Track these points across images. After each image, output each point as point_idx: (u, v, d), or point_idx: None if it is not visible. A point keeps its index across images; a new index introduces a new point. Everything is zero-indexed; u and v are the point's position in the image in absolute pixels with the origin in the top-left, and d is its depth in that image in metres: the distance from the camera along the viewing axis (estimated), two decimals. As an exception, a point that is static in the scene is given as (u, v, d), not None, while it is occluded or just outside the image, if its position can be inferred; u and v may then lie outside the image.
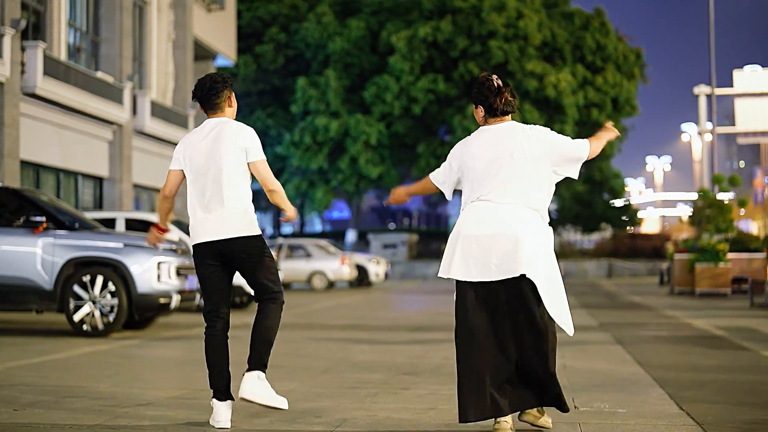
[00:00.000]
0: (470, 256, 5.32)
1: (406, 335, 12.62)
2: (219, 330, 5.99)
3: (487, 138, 5.45)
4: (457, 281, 5.41)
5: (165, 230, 6.32)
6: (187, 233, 17.55)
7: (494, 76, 5.46)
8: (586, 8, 51.70)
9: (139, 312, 12.17)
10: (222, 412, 5.84)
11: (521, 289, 5.28)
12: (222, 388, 5.88)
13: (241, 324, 14.53)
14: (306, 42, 49.04)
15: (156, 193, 30.35)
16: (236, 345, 10.82)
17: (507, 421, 5.29)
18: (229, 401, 5.89)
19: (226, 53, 36.70)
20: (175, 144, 29.98)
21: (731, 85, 37.70)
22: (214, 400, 5.90)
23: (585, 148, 5.47)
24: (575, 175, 5.48)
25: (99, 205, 26.14)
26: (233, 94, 6.00)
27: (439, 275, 5.52)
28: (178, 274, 12.45)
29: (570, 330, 5.37)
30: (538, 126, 5.50)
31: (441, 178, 5.68)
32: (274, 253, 19.01)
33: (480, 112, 5.48)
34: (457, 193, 5.72)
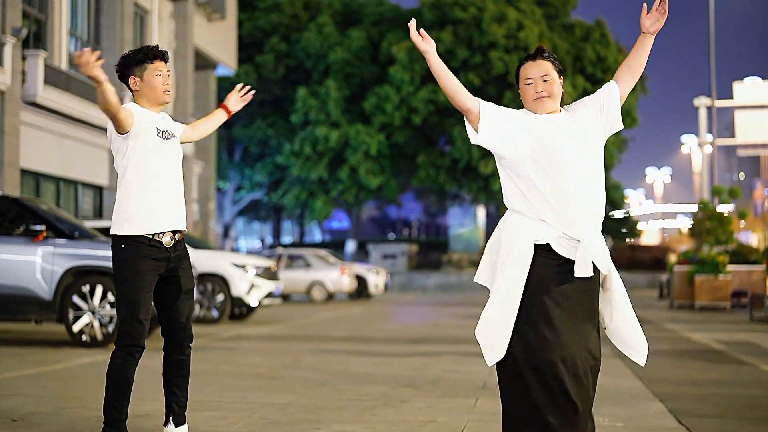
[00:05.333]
0: None
1: (406, 347, 12.60)
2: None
3: None
4: None
5: None
6: (188, 243, 17.54)
7: None
8: (587, 19, 51.77)
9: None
10: None
11: None
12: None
13: (237, 335, 14.52)
14: (306, 52, 49.09)
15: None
16: (237, 356, 10.82)
17: None
18: None
19: (227, 63, 36.74)
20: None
21: (731, 97, 37.70)
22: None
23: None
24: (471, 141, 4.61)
25: (99, 214, 26.13)
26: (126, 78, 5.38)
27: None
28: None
29: None
30: None
31: None
32: (273, 263, 18.98)
33: None
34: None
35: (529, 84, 4.50)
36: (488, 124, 4.43)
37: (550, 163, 4.36)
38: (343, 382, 8.61)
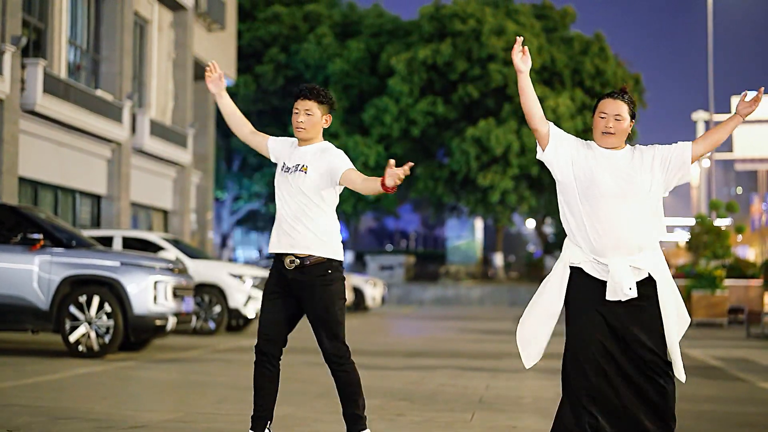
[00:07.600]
0: None
1: (402, 361, 12.59)
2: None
3: None
4: None
5: None
6: (186, 253, 17.54)
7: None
8: (586, 33, 51.71)
9: (135, 334, 12.12)
10: None
11: None
12: None
13: (234, 347, 14.49)
14: (306, 63, 49.15)
15: (153, 211, 30.34)
16: (234, 367, 10.80)
17: None
18: None
19: (226, 73, 36.75)
20: (174, 163, 30.09)
21: (729, 111, 37.79)
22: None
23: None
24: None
25: (96, 223, 26.09)
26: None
27: None
28: (175, 295, 12.40)
29: None
30: None
31: None
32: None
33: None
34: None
35: (602, 118, 4.94)
36: (553, 147, 5.01)
37: (587, 194, 4.86)
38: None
